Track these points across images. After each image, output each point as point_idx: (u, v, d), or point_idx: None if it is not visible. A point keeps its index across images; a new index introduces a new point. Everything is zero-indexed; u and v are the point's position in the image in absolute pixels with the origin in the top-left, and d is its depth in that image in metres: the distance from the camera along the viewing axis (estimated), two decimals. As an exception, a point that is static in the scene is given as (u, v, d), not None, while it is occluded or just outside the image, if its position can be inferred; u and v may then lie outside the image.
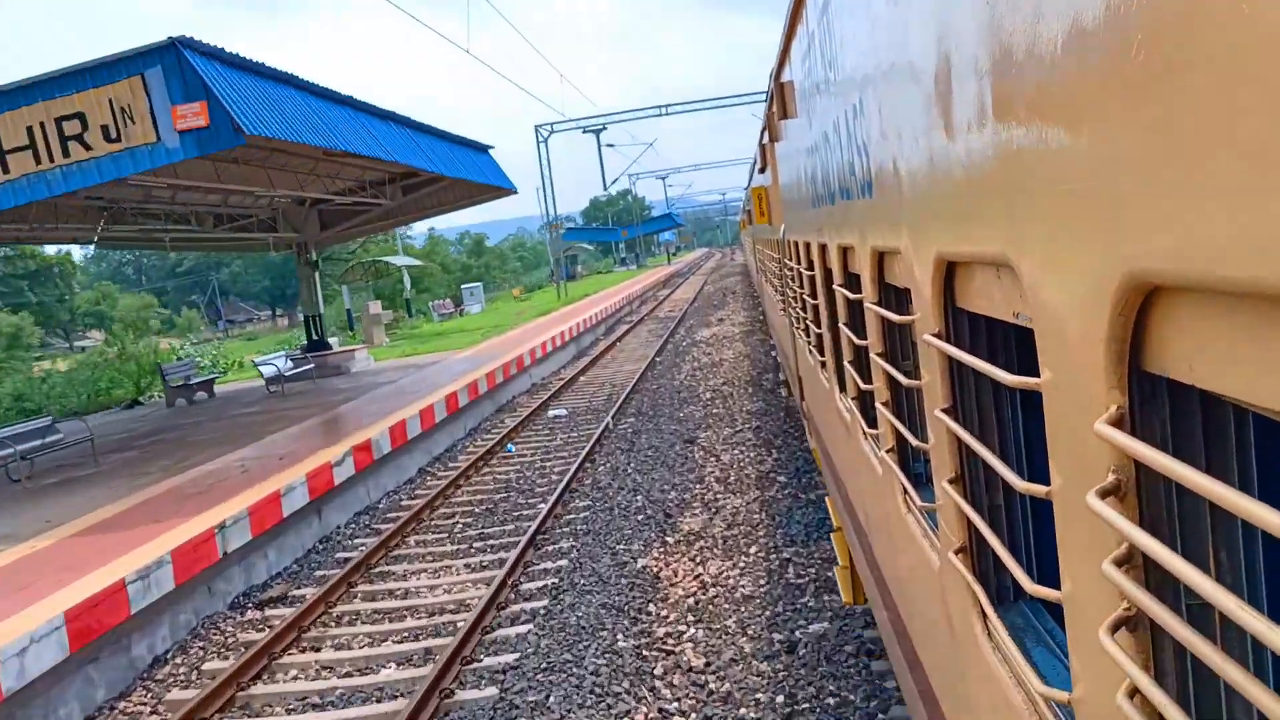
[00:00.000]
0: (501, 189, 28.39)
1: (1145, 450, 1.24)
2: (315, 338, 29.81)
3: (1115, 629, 1.40)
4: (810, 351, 8.25)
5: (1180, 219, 1.10)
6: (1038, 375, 1.72)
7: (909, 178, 2.78)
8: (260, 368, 26.53)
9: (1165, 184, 1.12)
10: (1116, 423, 1.35)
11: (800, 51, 5.93)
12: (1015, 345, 2.42)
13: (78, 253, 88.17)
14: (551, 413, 20.17)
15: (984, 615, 2.37)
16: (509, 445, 17.21)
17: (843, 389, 5.71)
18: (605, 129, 62.28)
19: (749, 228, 28.75)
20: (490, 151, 28.70)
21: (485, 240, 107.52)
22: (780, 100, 7.53)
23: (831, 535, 8.53)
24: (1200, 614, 1.32)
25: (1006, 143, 1.74)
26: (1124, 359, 1.34)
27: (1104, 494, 1.38)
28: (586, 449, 15.62)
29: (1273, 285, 0.93)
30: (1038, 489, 1.79)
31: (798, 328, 9.70)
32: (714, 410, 18.09)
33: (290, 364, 26.37)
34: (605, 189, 68.44)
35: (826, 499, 8.95)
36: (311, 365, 26.90)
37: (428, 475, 16.29)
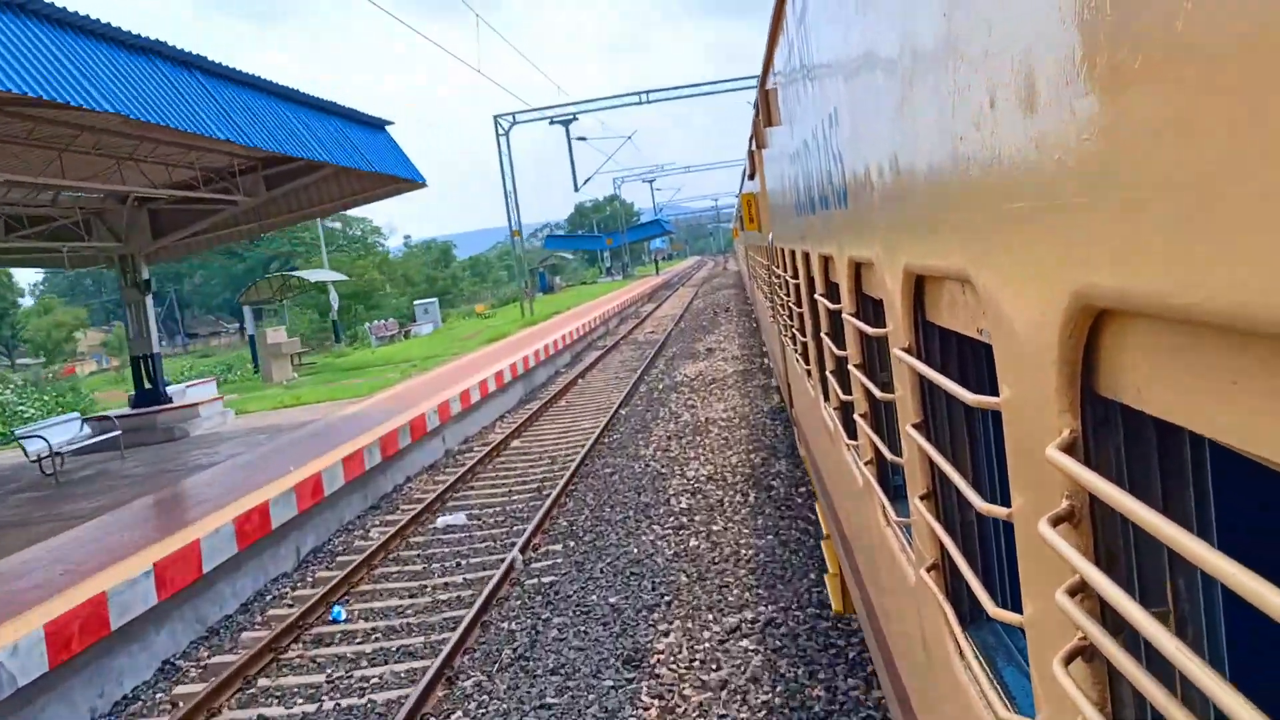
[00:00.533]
0: (405, 181, 21.19)
1: (1094, 479, 1.20)
2: (148, 386, 21.36)
3: (1070, 660, 1.35)
4: (797, 359, 8.23)
5: (1123, 242, 1.07)
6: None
7: (880, 189, 2.74)
8: (22, 441, 17.30)
9: (1109, 207, 1.09)
10: (1069, 448, 1.31)
11: (782, 59, 5.91)
12: (984, 362, 2.39)
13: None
14: (443, 520, 12.78)
15: (954, 634, 2.33)
16: (336, 608, 9.93)
17: (826, 398, 5.68)
18: (576, 119, 52.52)
19: (741, 235, 28.45)
20: (389, 129, 21.15)
21: (452, 249, 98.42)
22: (765, 108, 7.52)
23: (822, 543, 8.51)
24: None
25: (965, 157, 1.71)
26: (1075, 382, 1.30)
27: (1056, 521, 1.34)
28: (462, 627, 8.57)
29: (1208, 312, 0.90)
30: (1000, 511, 1.75)
31: (785, 334, 9.68)
32: (689, 548, 10.24)
33: (81, 431, 18.26)
34: (576, 189, 58.63)
35: (816, 505, 8.92)
36: (117, 431, 18.50)
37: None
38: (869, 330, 3.25)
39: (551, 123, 52.34)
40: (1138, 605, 1.09)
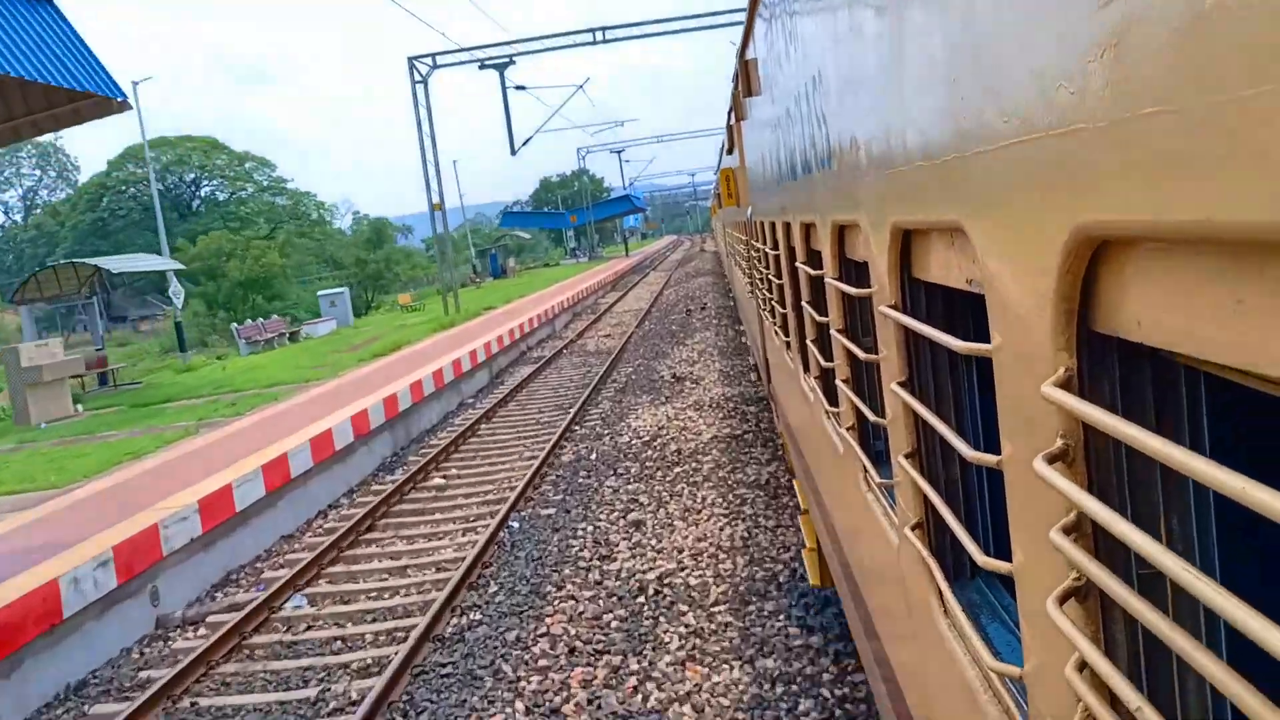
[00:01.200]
0: (87, 95, 12.83)
1: (1093, 411, 1.19)
2: None
3: (1064, 600, 1.35)
4: (776, 333, 8.23)
5: (1125, 167, 1.05)
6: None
7: (866, 147, 2.73)
8: None
9: (1111, 132, 1.08)
10: (1065, 385, 1.30)
11: (763, 27, 5.86)
12: (971, 314, 2.38)
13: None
14: None
15: (940, 592, 2.33)
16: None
17: (806, 369, 5.69)
18: (513, 63, 40.63)
19: (719, 212, 28.23)
20: (54, 4, 12.60)
21: (387, 226, 79.51)
22: (745, 78, 7.48)
23: (800, 518, 8.55)
24: (1151, 583, 1.28)
25: (960, 106, 1.69)
26: (1072, 319, 1.30)
27: (1052, 459, 1.33)
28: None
29: (1213, 229, 0.90)
30: (988, 459, 1.75)
31: (764, 310, 9.69)
32: None
33: None
34: (513, 151, 44.57)
35: (794, 481, 8.95)
36: None
37: None
38: (852, 291, 3.24)
39: (481, 66, 40.31)
40: (1138, 529, 1.08)
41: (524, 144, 46.28)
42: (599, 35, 38.07)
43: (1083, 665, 1.32)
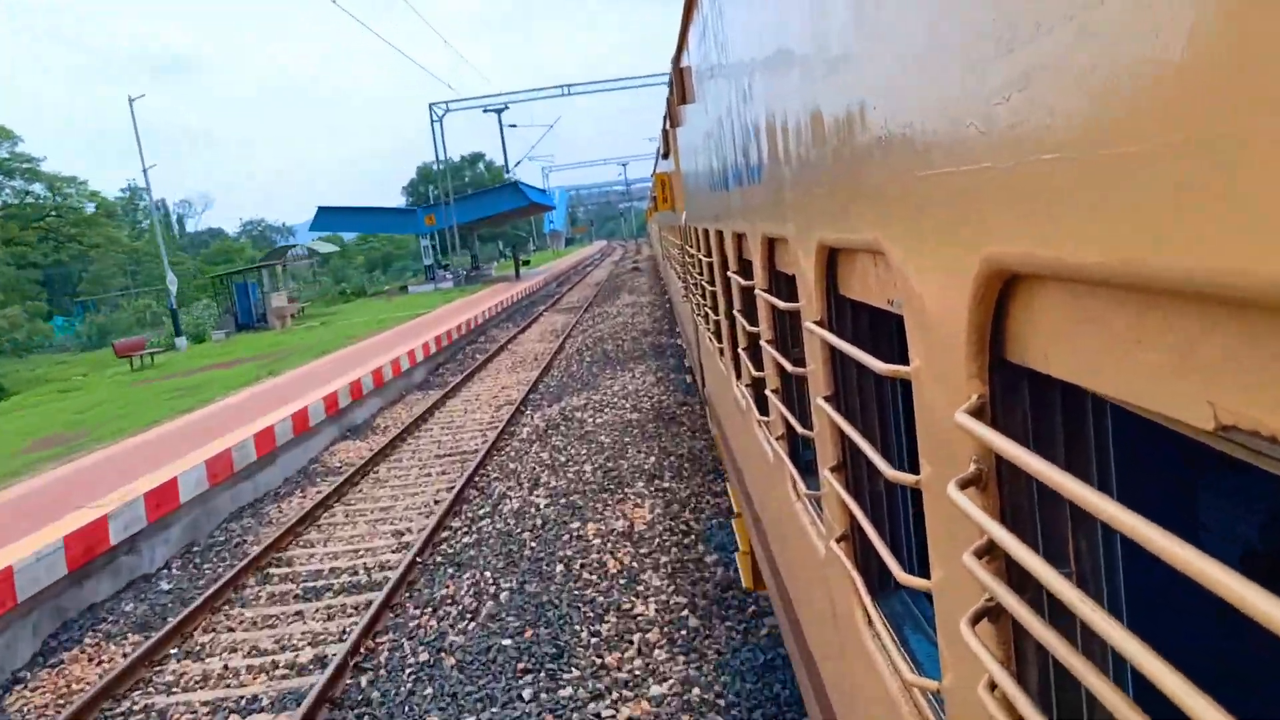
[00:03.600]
0: None
1: (1001, 441, 1.22)
2: None
3: (977, 620, 1.38)
4: (709, 338, 8.28)
5: (1030, 206, 1.08)
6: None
7: (792, 164, 2.75)
8: None
9: (1017, 171, 1.10)
10: (977, 412, 1.33)
11: (696, 36, 5.89)
12: (896, 333, 2.42)
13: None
14: None
15: (863, 604, 2.36)
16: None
17: (738, 376, 5.73)
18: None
19: (655, 215, 27.87)
20: None
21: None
22: (680, 86, 7.51)
23: (733, 521, 8.61)
24: (1062, 608, 1.31)
25: (876, 129, 1.72)
26: (984, 348, 1.32)
27: (964, 484, 1.36)
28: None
29: (1111, 273, 0.92)
30: (908, 478, 1.78)
31: (698, 315, 9.74)
32: None
33: None
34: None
35: (728, 484, 9.01)
36: None
37: None
38: (781, 305, 3.27)
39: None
40: (1042, 560, 1.11)
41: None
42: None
43: (993, 685, 1.34)
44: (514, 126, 63.48)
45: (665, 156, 13.22)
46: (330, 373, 21.41)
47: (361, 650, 8.24)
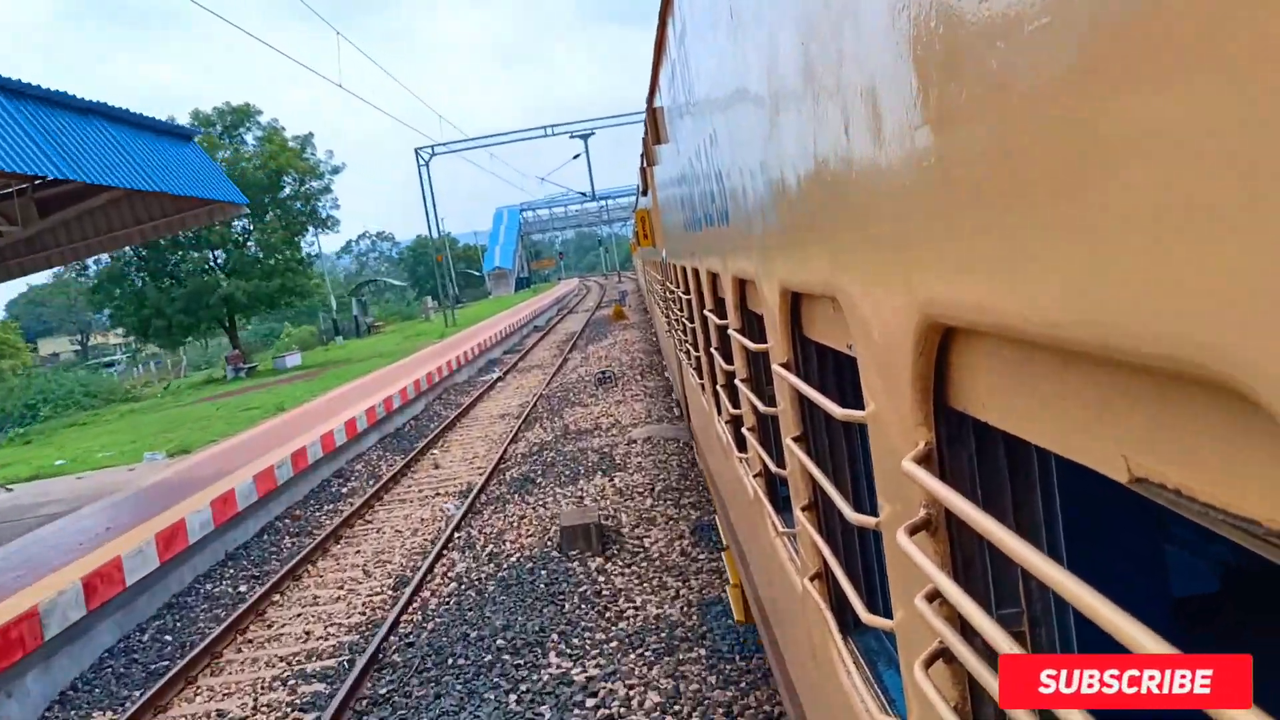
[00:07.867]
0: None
1: (945, 491, 1.25)
2: None
3: (930, 663, 1.41)
4: (692, 373, 8.32)
5: (959, 264, 1.13)
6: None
7: (756, 209, 2.81)
8: None
9: (947, 230, 1.15)
10: (923, 460, 1.37)
11: (666, 79, 5.99)
12: (856, 376, 2.46)
13: None
14: None
15: (835, 642, 2.39)
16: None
17: (719, 412, 5.76)
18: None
19: (639, 250, 27.52)
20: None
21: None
22: (654, 126, 7.60)
23: (723, 554, 8.59)
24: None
25: (827, 180, 1.77)
26: (929, 396, 1.36)
27: (914, 530, 1.39)
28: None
29: (1032, 332, 0.96)
30: (869, 521, 1.81)
31: (680, 350, 9.79)
32: None
33: None
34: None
35: (716, 518, 9.00)
36: None
37: None
38: (752, 346, 3.31)
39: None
40: (981, 610, 1.14)
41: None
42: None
43: None
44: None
45: (644, 194, 13.34)
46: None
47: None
